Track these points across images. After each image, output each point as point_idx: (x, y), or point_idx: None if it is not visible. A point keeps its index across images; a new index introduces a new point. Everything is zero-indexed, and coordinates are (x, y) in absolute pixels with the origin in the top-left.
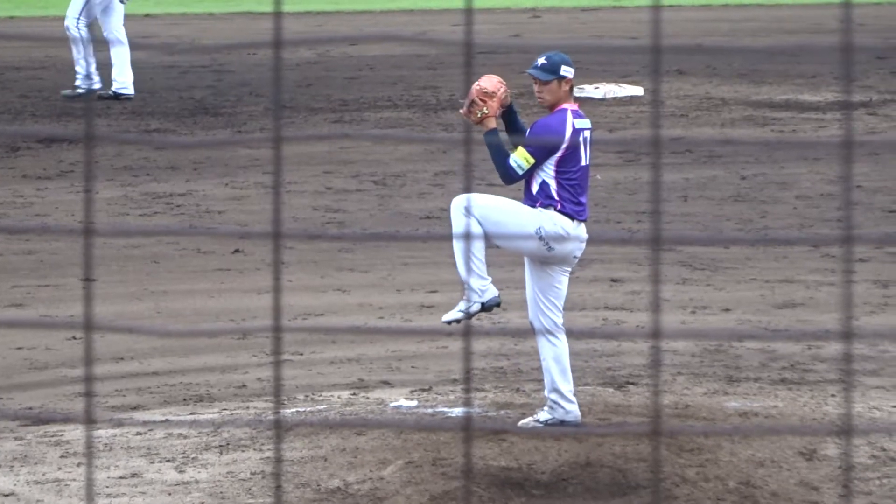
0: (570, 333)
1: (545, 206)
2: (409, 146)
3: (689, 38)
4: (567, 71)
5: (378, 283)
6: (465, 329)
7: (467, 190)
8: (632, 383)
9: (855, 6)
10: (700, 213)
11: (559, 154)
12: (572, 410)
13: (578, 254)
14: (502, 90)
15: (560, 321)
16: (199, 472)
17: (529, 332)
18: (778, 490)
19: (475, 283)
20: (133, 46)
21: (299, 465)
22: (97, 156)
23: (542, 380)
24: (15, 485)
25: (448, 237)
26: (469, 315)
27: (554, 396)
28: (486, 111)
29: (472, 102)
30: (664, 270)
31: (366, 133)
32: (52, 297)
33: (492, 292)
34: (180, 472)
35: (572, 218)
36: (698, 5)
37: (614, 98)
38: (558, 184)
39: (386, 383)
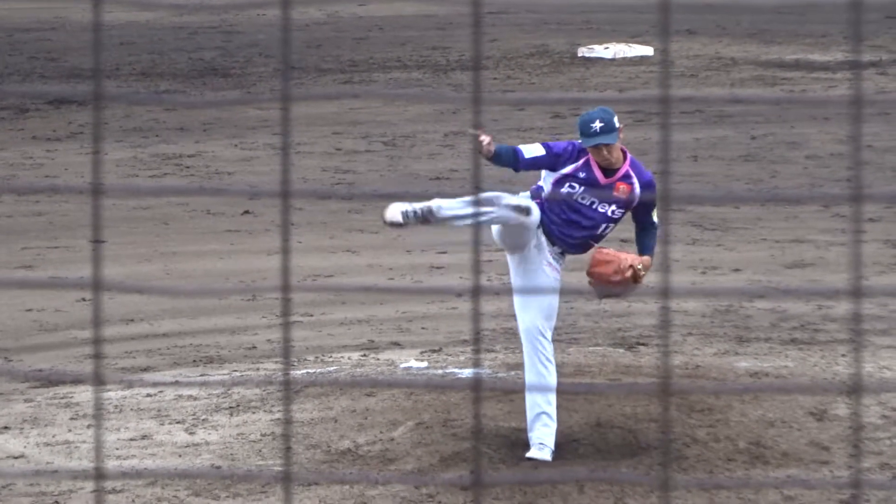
0: (582, 294)
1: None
2: (418, 106)
3: None
4: (617, 119)
5: (388, 244)
6: (475, 290)
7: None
8: (642, 344)
9: None
10: (710, 173)
11: None
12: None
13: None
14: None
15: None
16: (210, 433)
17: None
18: (788, 450)
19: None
20: (141, 6)
21: (309, 426)
22: (106, 117)
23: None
24: (25, 447)
25: (468, 190)
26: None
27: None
28: (640, 269)
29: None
30: (674, 231)
31: (375, 92)
32: (62, 259)
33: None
34: (190, 433)
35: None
36: None
37: (624, 58)
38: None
39: (396, 344)
